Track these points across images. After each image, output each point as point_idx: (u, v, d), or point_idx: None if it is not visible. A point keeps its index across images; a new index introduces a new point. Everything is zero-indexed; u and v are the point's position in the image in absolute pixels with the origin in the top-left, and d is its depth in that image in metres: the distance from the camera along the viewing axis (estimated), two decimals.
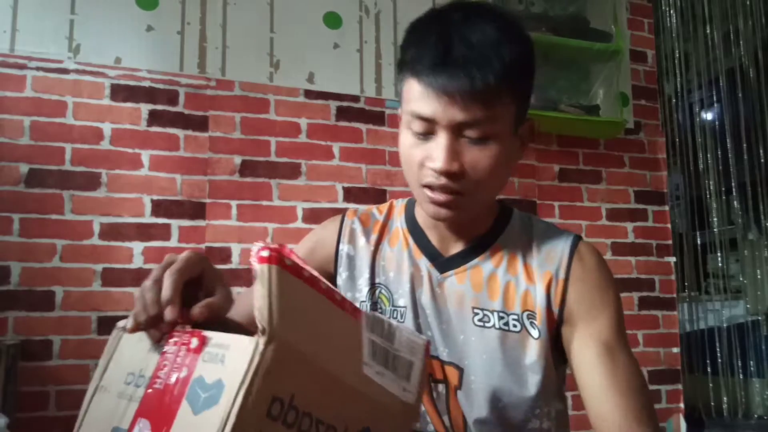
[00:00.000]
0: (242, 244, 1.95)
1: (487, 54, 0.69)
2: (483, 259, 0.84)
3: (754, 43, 2.77)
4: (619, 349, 0.76)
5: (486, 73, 0.69)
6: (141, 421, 0.48)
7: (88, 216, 1.82)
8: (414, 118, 0.74)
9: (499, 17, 0.74)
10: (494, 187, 0.79)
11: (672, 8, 2.75)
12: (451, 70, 0.69)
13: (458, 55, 0.70)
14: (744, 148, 2.71)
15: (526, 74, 0.75)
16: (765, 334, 2.63)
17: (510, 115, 0.74)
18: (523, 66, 0.73)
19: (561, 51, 2.29)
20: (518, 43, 0.72)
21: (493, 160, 0.73)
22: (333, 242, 0.92)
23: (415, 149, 0.76)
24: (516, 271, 0.83)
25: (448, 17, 0.74)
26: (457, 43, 0.70)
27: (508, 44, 0.71)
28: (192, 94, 1.98)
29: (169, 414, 0.47)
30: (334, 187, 2.08)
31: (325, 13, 2.14)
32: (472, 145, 0.73)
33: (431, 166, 0.74)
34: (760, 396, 2.59)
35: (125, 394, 0.51)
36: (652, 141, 2.56)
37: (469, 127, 0.72)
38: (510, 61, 0.70)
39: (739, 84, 2.75)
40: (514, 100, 0.74)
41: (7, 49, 1.81)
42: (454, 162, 0.72)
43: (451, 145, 0.72)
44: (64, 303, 1.77)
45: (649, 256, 2.45)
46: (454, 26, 0.72)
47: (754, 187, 2.69)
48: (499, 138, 0.74)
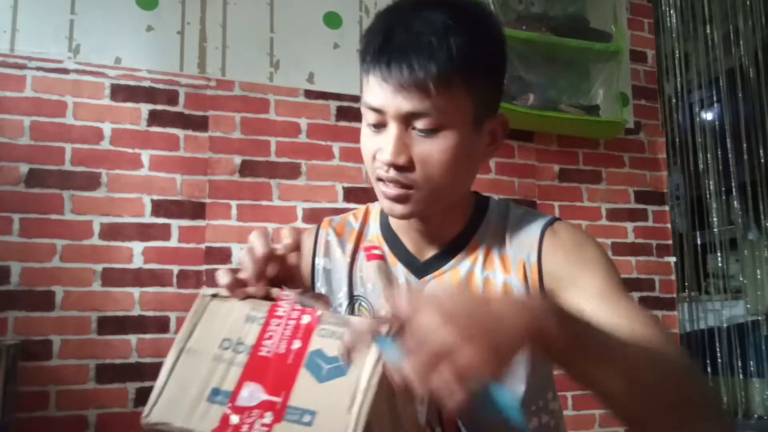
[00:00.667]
0: (242, 244, 1.95)
1: (429, 42, 0.67)
2: (460, 259, 0.82)
3: (754, 43, 2.77)
4: (615, 295, 0.72)
5: (425, 61, 0.67)
6: (249, 384, 0.51)
7: (88, 216, 1.82)
8: (367, 110, 0.73)
9: (456, 7, 0.71)
10: (451, 181, 0.74)
11: (672, 8, 2.75)
12: (390, 58, 0.68)
13: (398, 43, 0.68)
14: (744, 148, 2.71)
15: (484, 67, 0.72)
16: (765, 334, 2.63)
17: (467, 108, 0.71)
18: (479, 57, 0.70)
19: (561, 51, 2.29)
20: (472, 32, 0.69)
21: (445, 153, 0.71)
22: (309, 256, 0.89)
23: (369, 141, 0.75)
24: (493, 266, 0.81)
25: (401, 6, 0.72)
26: (399, 30, 0.69)
27: (457, 33, 0.68)
28: (192, 94, 1.98)
29: (286, 379, 0.50)
30: (334, 187, 2.08)
31: (325, 13, 2.14)
32: (422, 137, 0.71)
33: (380, 158, 0.73)
34: (760, 396, 2.59)
35: (223, 358, 0.53)
36: (652, 141, 2.56)
37: (418, 118, 0.70)
38: (458, 51, 0.67)
39: (739, 84, 2.75)
40: (471, 92, 0.71)
41: (7, 49, 1.81)
42: (402, 154, 0.71)
43: (400, 136, 0.71)
44: (64, 303, 1.77)
45: (649, 256, 2.45)
46: (402, 14, 0.71)
47: (754, 187, 2.69)
48: (453, 131, 0.71)
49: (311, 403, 0.49)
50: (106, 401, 1.76)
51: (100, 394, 1.76)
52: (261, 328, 0.54)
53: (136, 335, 1.81)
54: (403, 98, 0.69)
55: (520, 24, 2.22)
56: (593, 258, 0.77)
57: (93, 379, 1.76)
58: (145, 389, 1.80)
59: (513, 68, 2.19)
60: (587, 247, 0.79)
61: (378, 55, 0.69)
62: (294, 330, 0.54)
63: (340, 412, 0.48)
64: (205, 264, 1.91)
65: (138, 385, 1.79)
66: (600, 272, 0.75)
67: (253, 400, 0.50)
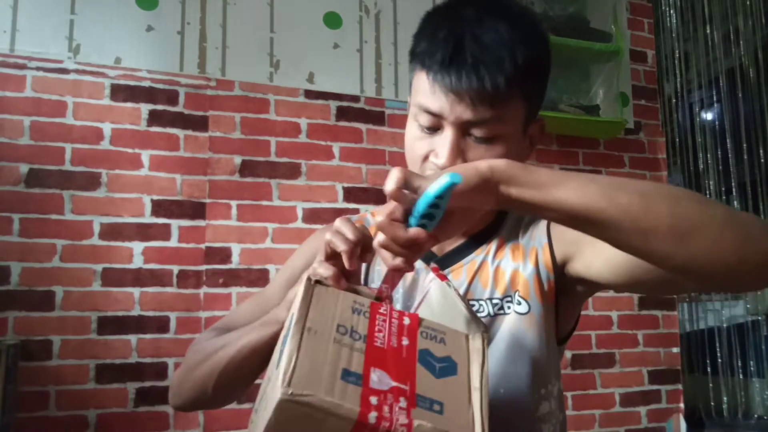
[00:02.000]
0: (242, 244, 1.95)
1: (499, 55, 0.68)
2: (479, 253, 0.83)
3: (754, 43, 2.77)
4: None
5: (496, 75, 0.68)
6: (376, 371, 0.52)
7: (88, 216, 1.82)
8: (421, 111, 0.73)
9: (514, 15, 0.72)
10: None
11: (672, 8, 2.75)
12: (460, 69, 0.69)
13: (469, 54, 0.69)
14: (744, 148, 2.71)
15: (540, 75, 0.74)
16: (765, 334, 2.63)
17: (520, 115, 0.73)
18: (537, 67, 0.72)
19: (561, 51, 2.29)
20: (532, 43, 0.71)
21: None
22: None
23: (420, 142, 0.75)
24: (503, 254, 0.82)
25: (462, 13, 0.72)
26: (469, 41, 0.69)
27: (521, 45, 0.69)
28: (192, 94, 1.98)
29: (408, 371, 0.53)
30: (334, 187, 2.08)
31: (325, 13, 2.14)
32: (478, 144, 0.72)
33: (435, 162, 0.73)
34: (760, 396, 2.59)
35: (343, 342, 0.54)
36: (652, 141, 2.56)
37: (476, 126, 0.71)
38: (522, 63, 0.69)
39: (739, 84, 2.75)
40: (525, 101, 0.73)
41: (7, 49, 1.81)
42: (459, 160, 0.72)
43: (457, 142, 0.72)
44: (64, 303, 1.77)
45: None
46: (468, 23, 0.71)
47: (754, 187, 2.69)
48: (507, 138, 0.73)
49: (436, 395, 0.52)
50: (106, 401, 1.76)
51: (100, 394, 1.76)
52: (369, 320, 0.56)
53: (136, 335, 1.81)
54: (466, 107, 0.70)
55: None
56: None
57: (93, 379, 1.76)
58: (145, 389, 1.80)
59: None
60: None
61: (448, 64, 0.69)
62: (399, 328, 0.57)
63: (462, 407, 0.53)
64: (205, 264, 1.91)
65: (138, 385, 1.79)
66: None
67: (383, 384, 0.51)
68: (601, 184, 0.56)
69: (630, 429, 2.32)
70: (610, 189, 0.55)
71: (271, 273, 1.96)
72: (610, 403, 2.30)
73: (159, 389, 1.80)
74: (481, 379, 0.55)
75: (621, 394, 2.32)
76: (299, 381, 0.48)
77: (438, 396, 0.52)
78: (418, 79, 0.74)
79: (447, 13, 0.74)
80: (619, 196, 0.54)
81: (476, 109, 0.70)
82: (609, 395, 2.31)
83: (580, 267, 0.77)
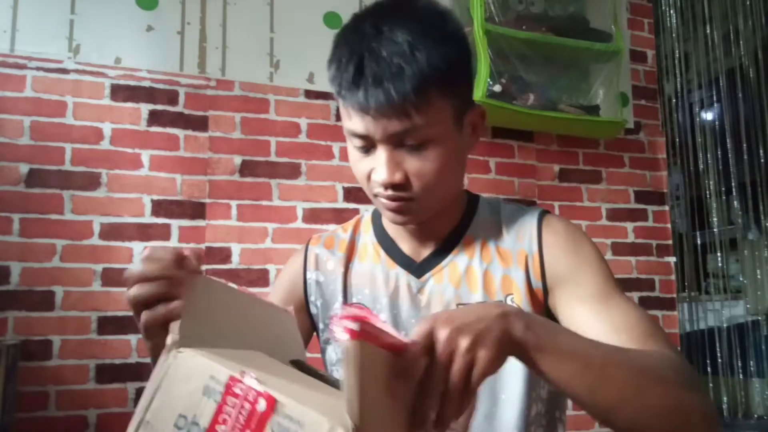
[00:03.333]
0: (242, 244, 1.95)
1: (399, 66, 0.68)
2: (456, 253, 0.84)
3: (754, 43, 2.77)
4: (610, 296, 0.76)
5: (399, 84, 0.68)
6: None
7: (88, 216, 1.82)
8: (351, 136, 0.76)
9: (416, 18, 0.72)
10: (447, 185, 0.78)
11: (672, 8, 2.75)
12: (366, 88, 0.69)
13: (369, 72, 0.69)
14: (744, 148, 2.71)
15: (455, 68, 0.73)
16: (765, 334, 2.63)
17: (447, 113, 0.73)
18: (449, 64, 0.71)
19: (561, 51, 2.29)
20: (438, 43, 0.71)
21: (437, 162, 0.73)
22: (300, 273, 0.91)
23: (360, 163, 0.78)
24: (490, 258, 0.83)
25: (361, 29, 0.73)
26: (368, 59, 0.70)
27: (424, 48, 0.69)
28: (192, 94, 1.98)
29: None
30: (334, 187, 2.08)
31: (325, 13, 2.14)
32: (412, 152, 0.73)
33: (376, 179, 0.75)
34: (760, 396, 2.59)
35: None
36: (652, 141, 2.56)
37: (405, 136, 0.72)
38: (428, 65, 0.69)
39: (739, 84, 2.75)
40: (447, 99, 0.73)
41: (7, 49, 1.81)
42: (397, 173, 0.73)
43: (391, 156, 0.73)
44: (64, 303, 1.77)
45: (649, 256, 2.45)
46: (366, 39, 0.71)
47: (754, 187, 2.69)
48: (440, 139, 0.73)
49: None
50: (106, 401, 1.76)
51: (100, 394, 1.76)
52: (216, 407, 0.49)
53: (136, 335, 1.81)
54: (386, 122, 0.71)
55: (520, 24, 2.22)
56: (589, 258, 0.80)
57: (93, 379, 1.76)
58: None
59: (513, 68, 2.19)
60: (584, 246, 0.81)
61: (353, 87, 0.70)
62: (249, 415, 0.48)
63: None
64: (205, 264, 1.91)
65: (138, 385, 1.79)
66: (596, 273, 0.78)
67: None
68: (601, 377, 0.57)
69: None
70: (607, 387, 0.58)
71: (271, 273, 1.96)
72: None
73: None
74: None
75: None
76: None
77: None
78: (339, 104, 0.76)
79: (349, 32, 0.76)
80: (611, 397, 0.58)
81: (394, 122, 0.70)
82: None
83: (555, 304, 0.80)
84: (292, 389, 0.48)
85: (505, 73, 2.16)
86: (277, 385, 0.47)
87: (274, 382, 0.48)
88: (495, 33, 2.11)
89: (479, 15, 2.09)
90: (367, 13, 0.77)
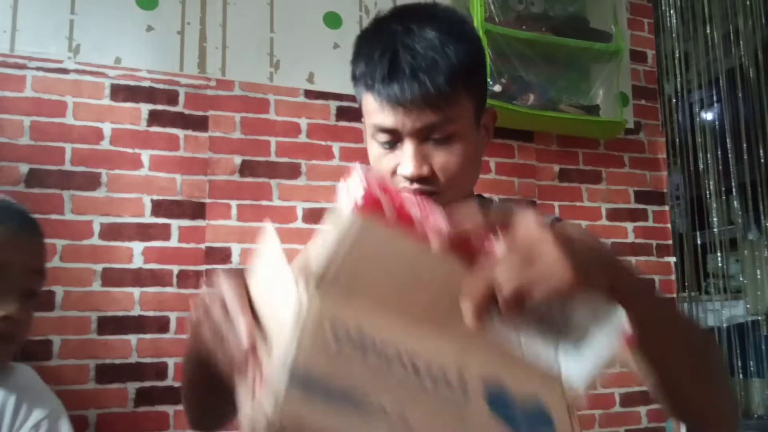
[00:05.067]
0: (242, 244, 1.95)
1: (434, 59, 0.72)
2: None
3: (754, 43, 2.77)
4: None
5: (434, 76, 0.71)
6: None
7: (88, 216, 1.82)
8: (377, 131, 0.77)
9: (440, 19, 0.76)
10: (467, 181, 0.81)
11: (672, 8, 2.75)
12: (401, 80, 0.72)
13: (406, 65, 0.72)
14: (744, 148, 2.71)
15: (477, 68, 0.78)
16: (765, 334, 2.63)
17: (469, 110, 0.77)
18: (473, 62, 0.76)
19: (561, 51, 2.29)
20: (463, 42, 0.75)
21: (461, 157, 0.76)
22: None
23: (384, 159, 0.78)
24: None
25: (391, 28, 0.76)
26: (403, 53, 0.73)
27: (452, 45, 0.73)
28: (192, 94, 1.98)
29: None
30: (334, 187, 2.07)
31: (325, 13, 2.14)
32: (438, 146, 0.76)
33: (403, 173, 0.76)
34: (760, 396, 2.59)
35: None
36: (652, 141, 2.56)
37: (432, 131, 0.74)
38: (457, 61, 0.72)
39: (739, 84, 2.75)
40: (470, 96, 0.76)
41: (7, 49, 1.81)
42: (424, 166, 0.75)
43: (418, 150, 0.75)
44: (64, 303, 1.77)
45: (649, 256, 2.45)
46: (398, 36, 0.74)
47: (754, 187, 2.69)
48: (463, 135, 0.76)
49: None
50: (106, 401, 1.76)
51: (100, 394, 1.76)
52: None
53: (136, 335, 1.81)
54: (417, 115, 0.73)
55: (520, 24, 2.22)
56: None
57: (93, 379, 1.76)
58: (145, 389, 1.80)
59: (513, 68, 2.19)
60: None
61: (388, 80, 0.73)
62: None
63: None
64: (205, 264, 1.91)
65: (138, 385, 1.79)
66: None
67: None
68: (684, 345, 0.62)
69: (630, 429, 2.32)
70: (687, 355, 0.62)
71: None
72: (610, 403, 2.30)
73: (159, 389, 1.81)
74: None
75: (621, 394, 2.32)
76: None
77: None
78: (366, 101, 0.78)
79: (377, 32, 0.79)
80: (687, 366, 0.62)
81: (427, 114, 0.73)
82: (609, 395, 2.30)
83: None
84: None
85: (505, 73, 2.16)
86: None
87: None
88: (495, 33, 2.11)
89: (479, 15, 2.09)
90: (390, 15, 0.80)
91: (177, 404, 1.81)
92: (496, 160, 2.30)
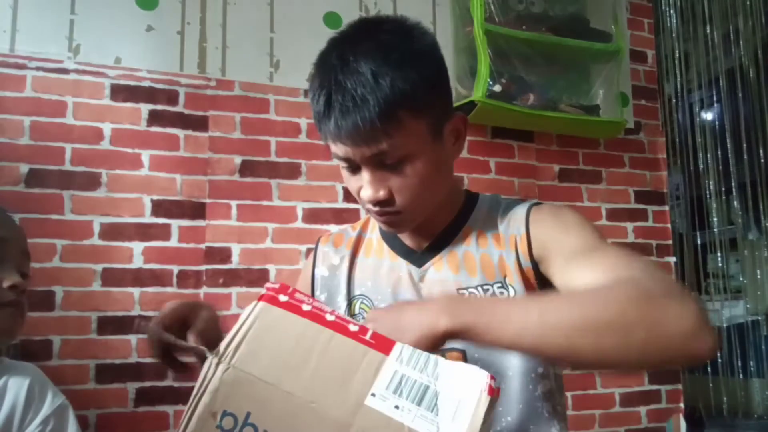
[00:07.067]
0: (242, 244, 1.95)
1: (363, 96, 0.72)
2: (455, 243, 0.88)
3: (754, 43, 2.76)
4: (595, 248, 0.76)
5: (367, 113, 0.72)
6: None
7: (88, 216, 1.82)
8: (337, 158, 0.80)
9: (381, 47, 0.75)
10: (432, 194, 0.82)
11: (672, 8, 2.75)
12: (336, 118, 0.74)
13: (336, 102, 0.73)
14: (744, 148, 2.71)
15: (422, 87, 0.75)
16: (765, 334, 2.63)
17: (421, 129, 0.77)
18: (417, 85, 0.74)
19: (561, 51, 2.29)
20: (404, 67, 0.74)
21: (417, 177, 0.78)
22: (310, 270, 0.98)
23: (350, 181, 0.82)
24: (486, 243, 0.87)
25: (330, 61, 0.77)
26: (335, 91, 0.74)
27: (389, 75, 0.72)
28: (192, 94, 1.98)
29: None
30: (334, 187, 2.08)
31: (325, 13, 2.14)
32: (393, 170, 0.77)
33: (363, 198, 0.79)
34: (760, 396, 2.59)
35: None
36: (652, 141, 2.56)
37: (383, 157, 0.76)
38: (394, 91, 0.72)
39: (739, 84, 2.75)
40: (420, 116, 0.76)
41: (7, 49, 1.81)
42: (381, 190, 0.78)
43: (374, 176, 0.77)
44: (64, 303, 1.77)
45: (649, 256, 2.45)
46: (333, 71, 0.75)
47: (754, 187, 2.69)
48: (417, 154, 0.77)
49: None
50: (106, 401, 1.76)
51: (100, 394, 1.76)
52: None
53: (136, 335, 1.81)
54: (361, 146, 0.75)
55: (520, 24, 2.22)
56: (571, 221, 0.84)
57: (93, 379, 1.76)
58: (145, 389, 1.80)
59: (513, 68, 2.19)
60: (566, 213, 0.86)
61: (325, 119, 0.75)
62: None
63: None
64: (205, 264, 1.91)
65: (138, 385, 1.79)
66: (579, 233, 0.81)
67: None
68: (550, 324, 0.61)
69: (630, 429, 2.32)
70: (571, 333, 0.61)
71: (271, 273, 1.96)
72: (610, 403, 2.30)
73: (159, 389, 1.81)
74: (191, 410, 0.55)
75: (621, 394, 2.32)
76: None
77: None
78: (320, 133, 0.81)
79: (320, 64, 0.81)
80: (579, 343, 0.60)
81: (369, 147, 0.74)
82: (609, 395, 2.31)
83: (549, 272, 0.82)
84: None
85: (505, 73, 2.16)
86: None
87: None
88: (495, 33, 2.11)
89: (479, 15, 2.09)
90: (337, 39, 0.81)
91: (177, 404, 1.81)
92: (496, 160, 2.30)
